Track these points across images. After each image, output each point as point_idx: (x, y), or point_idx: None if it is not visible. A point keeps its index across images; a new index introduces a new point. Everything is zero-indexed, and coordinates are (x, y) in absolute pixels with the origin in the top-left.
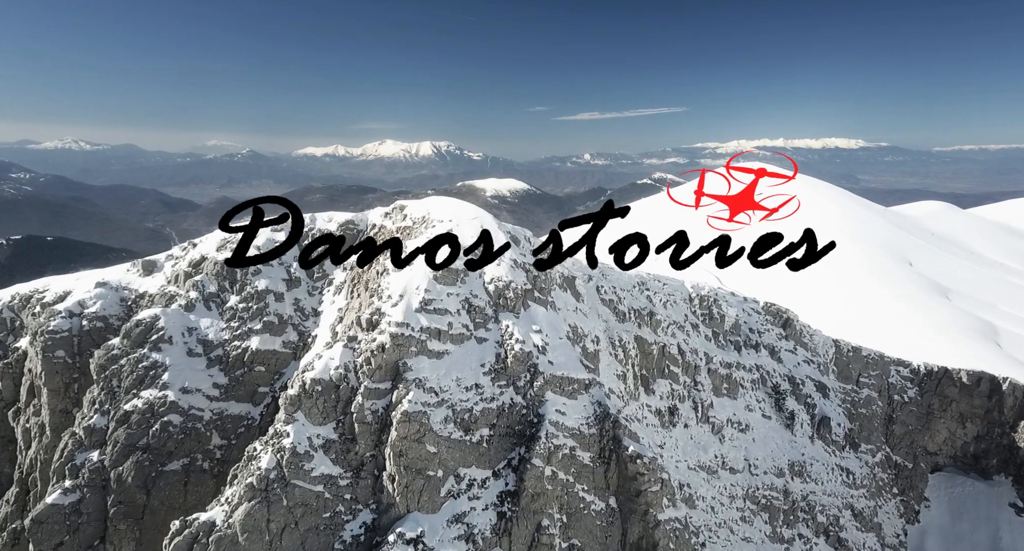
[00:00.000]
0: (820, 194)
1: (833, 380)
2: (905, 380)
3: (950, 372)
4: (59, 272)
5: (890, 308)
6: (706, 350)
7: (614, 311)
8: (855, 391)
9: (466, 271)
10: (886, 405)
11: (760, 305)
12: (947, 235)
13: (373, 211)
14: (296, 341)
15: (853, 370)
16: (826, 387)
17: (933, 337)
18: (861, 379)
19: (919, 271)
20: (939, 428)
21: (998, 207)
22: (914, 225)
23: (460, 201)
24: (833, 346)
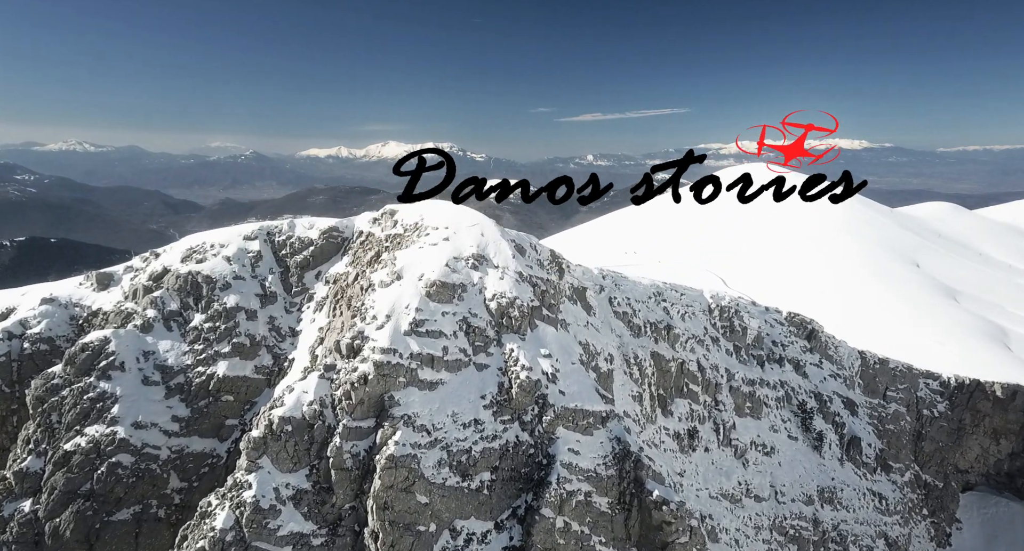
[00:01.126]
0: None
1: (859, 395)
2: (935, 394)
3: (983, 385)
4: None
5: (898, 311)
6: (727, 366)
7: (628, 325)
8: (882, 406)
9: (464, 285)
10: (915, 421)
11: (783, 315)
12: (954, 236)
13: (360, 217)
14: (270, 366)
15: (880, 383)
16: (854, 404)
17: (943, 341)
18: (888, 393)
19: (926, 273)
20: (971, 445)
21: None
22: (920, 226)
23: (457, 206)
24: (859, 358)
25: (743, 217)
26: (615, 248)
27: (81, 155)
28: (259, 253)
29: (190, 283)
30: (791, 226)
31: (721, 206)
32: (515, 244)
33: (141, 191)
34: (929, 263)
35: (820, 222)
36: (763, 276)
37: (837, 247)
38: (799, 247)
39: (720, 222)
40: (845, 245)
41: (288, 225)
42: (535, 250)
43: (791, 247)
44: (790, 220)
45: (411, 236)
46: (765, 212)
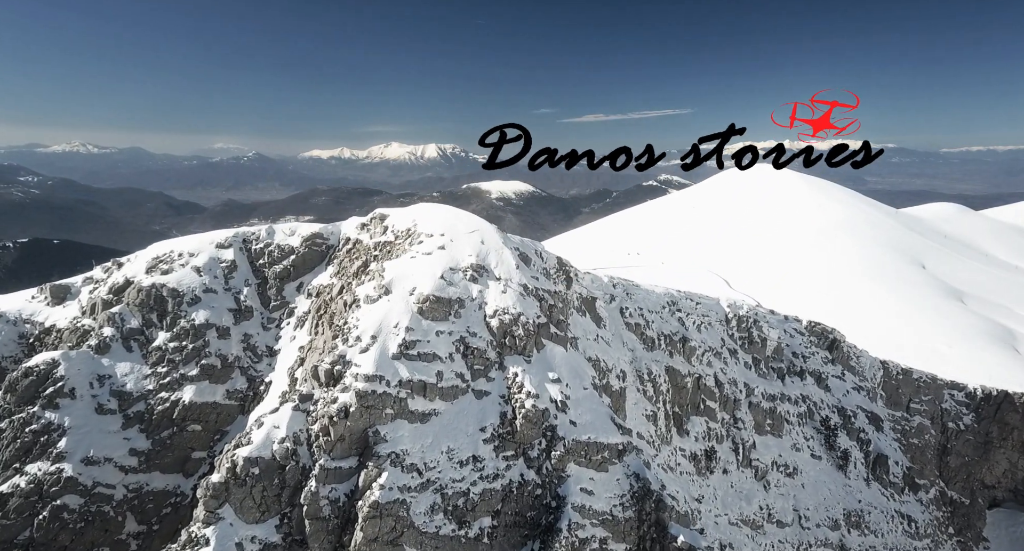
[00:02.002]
0: (830, 196)
1: (882, 407)
2: (960, 405)
3: (1011, 396)
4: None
5: (905, 313)
6: (746, 380)
7: (641, 337)
8: (906, 419)
9: (461, 300)
10: (939, 434)
11: (803, 324)
12: (960, 237)
13: (347, 222)
14: (245, 390)
15: (903, 395)
16: (879, 419)
17: (951, 343)
18: (912, 405)
19: (932, 274)
20: (998, 459)
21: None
22: (925, 227)
23: (454, 209)
24: (881, 368)
25: (746, 218)
26: (618, 249)
27: (84, 156)
28: (233, 263)
29: (154, 297)
30: (795, 227)
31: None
32: (519, 252)
33: (144, 192)
34: (935, 264)
35: (824, 223)
36: (767, 277)
37: (841, 248)
38: (803, 248)
39: (723, 223)
40: (850, 246)
41: (266, 232)
42: (541, 258)
43: (795, 248)
44: (794, 221)
45: (402, 244)
46: (768, 213)
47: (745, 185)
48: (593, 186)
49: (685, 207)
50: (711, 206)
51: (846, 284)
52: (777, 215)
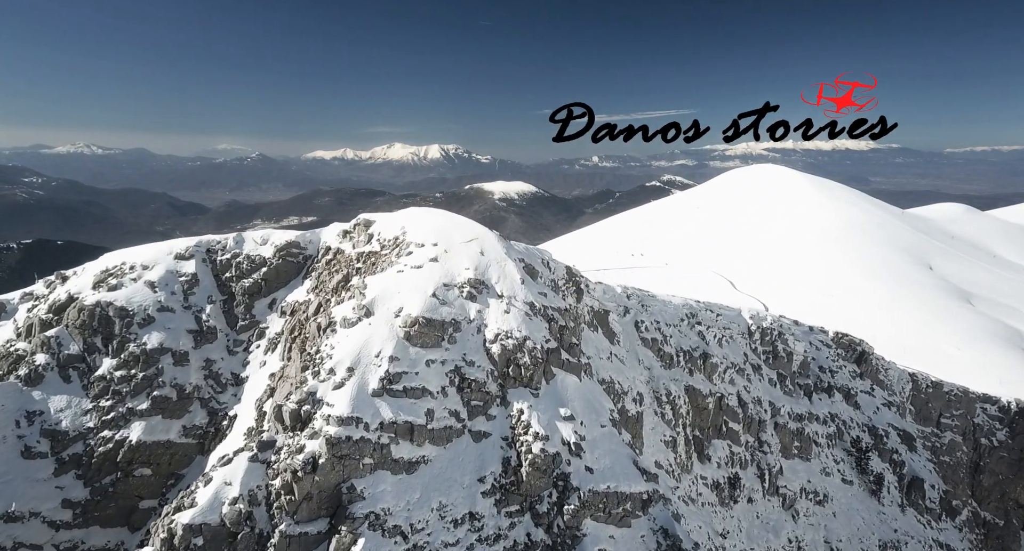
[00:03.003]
0: (836, 197)
1: (911, 423)
2: (993, 420)
3: None
4: None
5: (912, 315)
6: (771, 398)
7: (658, 354)
8: (936, 435)
9: (456, 323)
10: (971, 451)
11: (829, 336)
12: (967, 238)
13: (328, 229)
14: (205, 425)
15: (933, 409)
16: (912, 437)
17: (960, 345)
18: (942, 420)
19: (940, 275)
20: None
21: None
22: (932, 227)
23: (449, 214)
24: (910, 381)
25: (751, 219)
26: (622, 250)
27: (89, 157)
28: (194, 276)
29: (98, 317)
30: (800, 227)
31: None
32: (523, 263)
33: (148, 193)
34: (942, 265)
35: (829, 223)
36: (771, 279)
37: (847, 249)
38: (808, 249)
39: (727, 224)
40: (855, 246)
41: (234, 240)
42: (548, 268)
43: (799, 249)
44: (799, 221)
45: (389, 255)
46: (773, 213)
47: (749, 185)
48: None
49: (689, 208)
50: (715, 207)
51: (852, 285)
52: (782, 215)
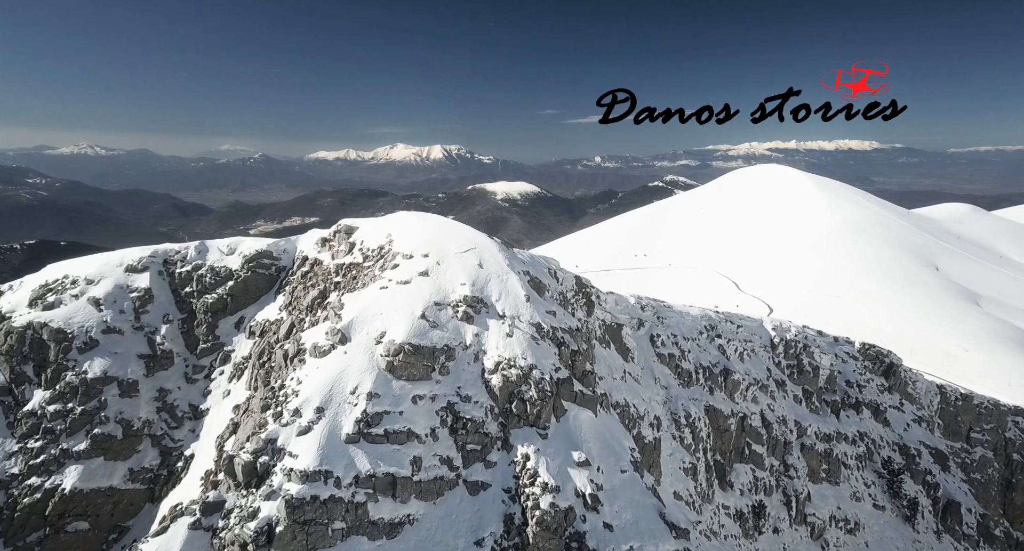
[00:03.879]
0: (841, 197)
1: (940, 438)
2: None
3: None
4: None
5: (919, 316)
6: (797, 417)
7: (676, 371)
8: (966, 451)
9: (449, 350)
10: (1003, 467)
11: (855, 347)
12: (973, 238)
13: (305, 237)
14: (156, 468)
15: (962, 424)
16: (944, 456)
17: (968, 347)
18: (972, 435)
19: (946, 276)
20: None
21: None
22: (938, 228)
23: (443, 220)
24: (938, 394)
25: (754, 219)
26: (625, 251)
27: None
28: (148, 292)
29: (30, 342)
30: (804, 228)
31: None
32: (528, 276)
33: (151, 194)
34: (948, 265)
35: (834, 223)
36: (776, 279)
37: (853, 249)
38: (813, 249)
39: (731, 224)
40: (861, 247)
41: (196, 249)
42: (556, 279)
43: (804, 249)
44: (803, 221)
45: (372, 268)
46: (777, 213)
47: (753, 186)
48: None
49: (692, 208)
50: (719, 207)
51: (858, 286)
52: (786, 216)
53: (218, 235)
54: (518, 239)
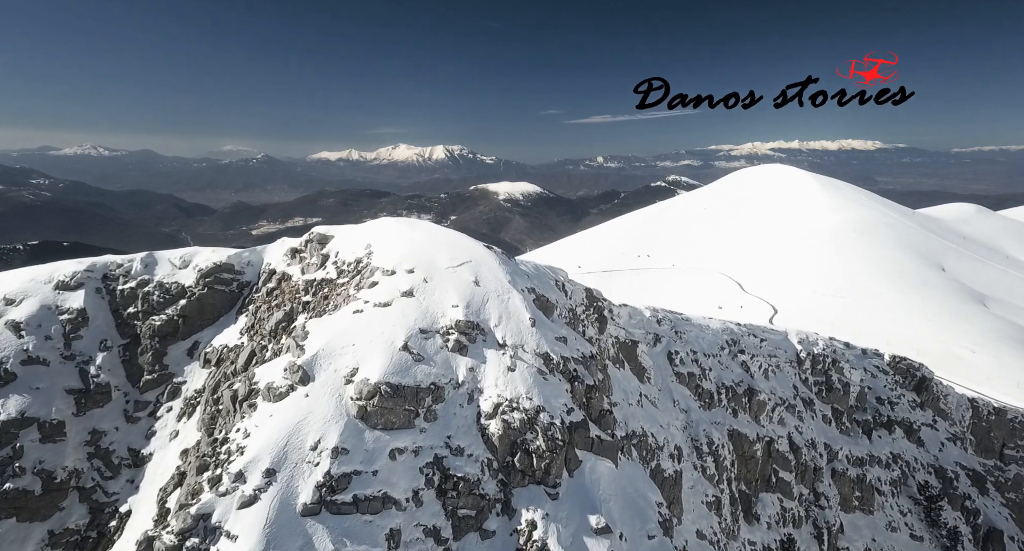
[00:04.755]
0: (845, 197)
1: (972, 456)
2: None
3: None
4: None
5: (925, 317)
6: (827, 440)
7: (696, 392)
8: (999, 469)
9: (436, 390)
10: None
11: (885, 360)
12: (979, 238)
13: (273, 247)
14: (84, 529)
15: (995, 440)
16: (982, 478)
17: (975, 348)
18: (1006, 451)
19: (953, 276)
20: None
21: None
22: (944, 228)
23: (432, 227)
24: (969, 408)
25: (758, 219)
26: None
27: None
28: (82, 313)
29: None
30: (808, 228)
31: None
32: (535, 294)
33: (154, 194)
34: (955, 266)
35: (839, 223)
36: (780, 280)
37: (858, 249)
38: (817, 249)
39: (735, 225)
40: (866, 247)
41: (142, 262)
42: (565, 293)
43: (809, 249)
44: (808, 221)
45: (347, 285)
46: (782, 213)
47: (757, 186)
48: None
49: (696, 208)
50: (722, 207)
51: (863, 287)
52: (791, 216)
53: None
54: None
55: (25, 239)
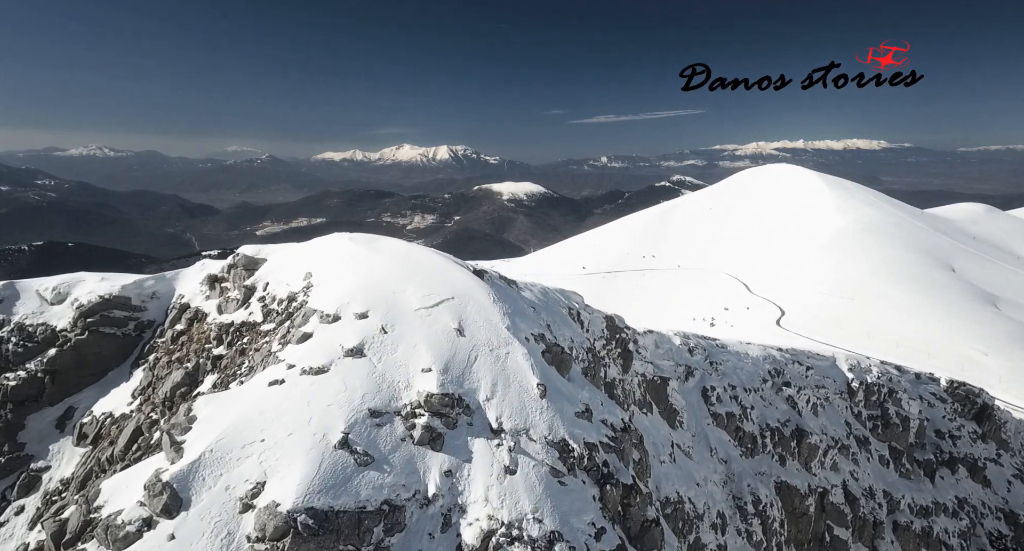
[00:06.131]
0: (853, 196)
1: None
2: None
3: None
4: None
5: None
6: (886, 486)
7: (736, 436)
8: None
9: (393, 513)
10: None
11: (941, 386)
12: (989, 238)
13: (190, 271)
14: None
15: None
16: None
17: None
18: None
19: (963, 277)
20: None
21: None
22: (953, 228)
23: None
24: None
25: (764, 219)
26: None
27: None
28: None
29: None
30: (815, 228)
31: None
32: (544, 341)
33: (159, 195)
34: (965, 267)
35: (847, 223)
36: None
37: (866, 250)
38: (824, 249)
39: (740, 225)
40: (874, 248)
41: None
42: (582, 325)
43: (816, 250)
44: (815, 221)
45: (272, 336)
46: (788, 213)
47: (763, 185)
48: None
49: (701, 208)
50: (728, 207)
51: (872, 288)
52: (797, 216)
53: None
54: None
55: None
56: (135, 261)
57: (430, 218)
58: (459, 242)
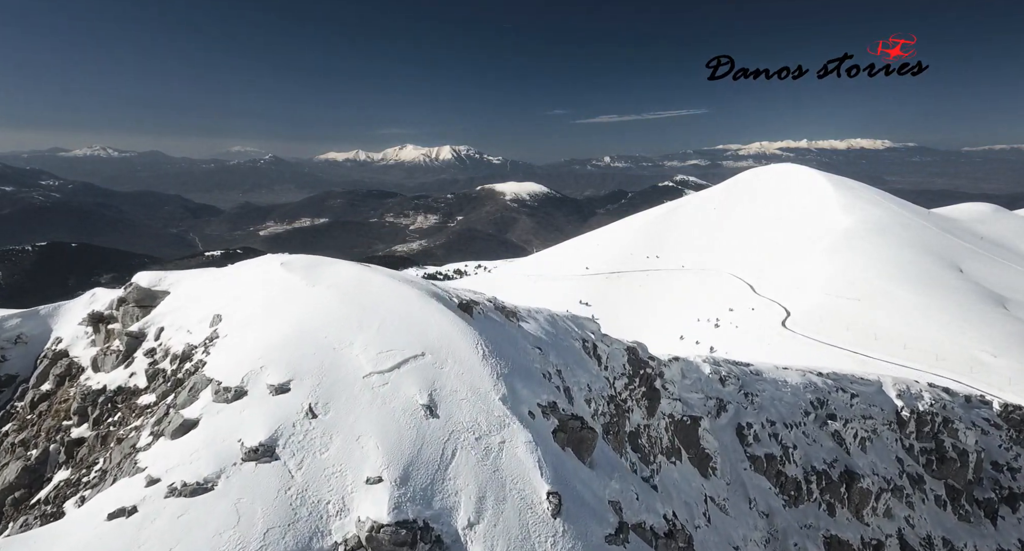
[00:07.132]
0: (859, 196)
1: None
2: None
3: None
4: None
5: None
6: (945, 532)
7: (778, 481)
8: None
9: None
10: None
11: (994, 409)
12: (996, 238)
13: (75, 304)
14: None
15: None
16: None
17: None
18: None
19: (971, 278)
20: None
21: None
22: (960, 228)
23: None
24: None
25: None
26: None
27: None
28: None
29: None
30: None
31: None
32: (558, 415)
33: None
34: (972, 267)
35: (852, 223)
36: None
37: (872, 250)
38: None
39: (745, 225)
40: (881, 248)
41: None
42: (599, 362)
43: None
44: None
45: (145, 418)
46: (793, 213)
47: (767, 185)
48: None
49: (705, 208)
50: (732, 207)
51: (879, 289)
52: (802, 216)
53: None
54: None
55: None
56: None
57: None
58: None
